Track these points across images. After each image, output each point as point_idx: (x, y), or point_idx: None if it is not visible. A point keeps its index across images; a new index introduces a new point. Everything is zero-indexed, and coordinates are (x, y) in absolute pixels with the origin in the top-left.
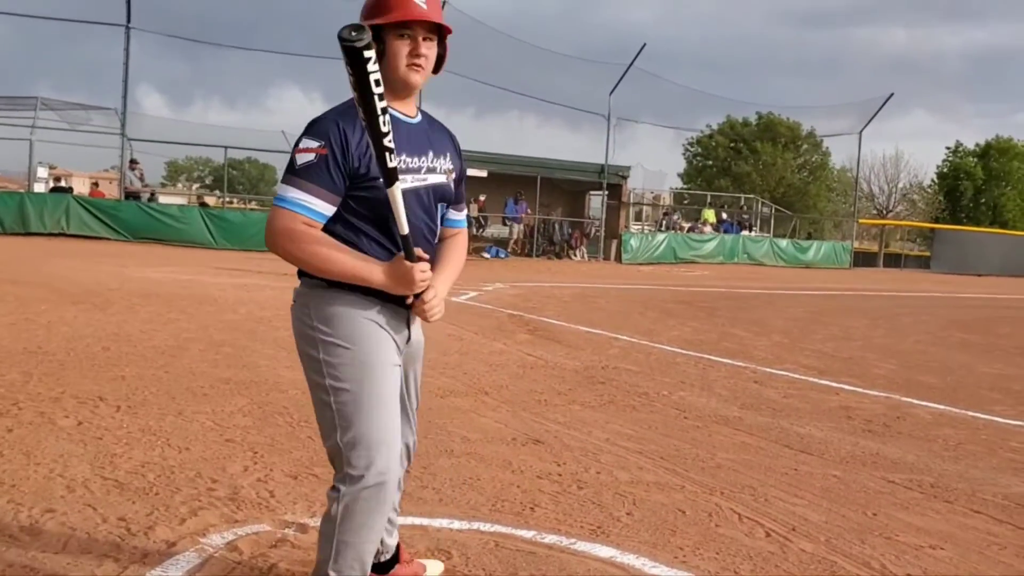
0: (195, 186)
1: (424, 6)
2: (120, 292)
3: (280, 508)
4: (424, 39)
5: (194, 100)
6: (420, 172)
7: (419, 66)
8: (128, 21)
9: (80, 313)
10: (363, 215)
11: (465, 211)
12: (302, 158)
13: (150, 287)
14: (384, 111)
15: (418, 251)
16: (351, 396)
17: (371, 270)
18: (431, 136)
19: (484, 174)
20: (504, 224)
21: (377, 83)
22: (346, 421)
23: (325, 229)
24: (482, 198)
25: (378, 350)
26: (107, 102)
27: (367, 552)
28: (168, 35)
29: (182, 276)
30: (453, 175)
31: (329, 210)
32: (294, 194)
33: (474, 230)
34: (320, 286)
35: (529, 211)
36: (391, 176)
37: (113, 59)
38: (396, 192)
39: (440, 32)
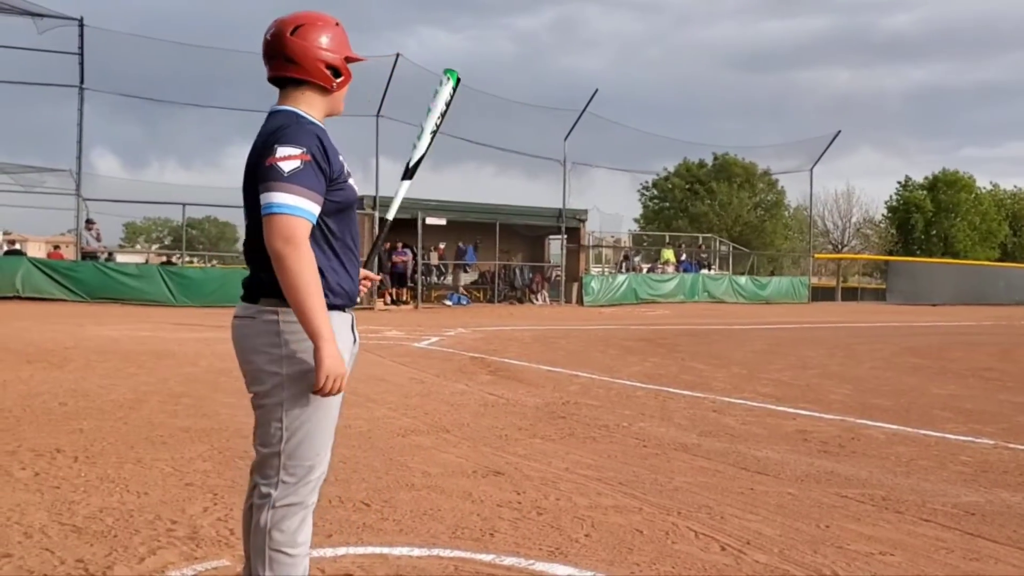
0: (154, 247)
1: None
2: (77, 350)
3: (240, 545)
4: None
5: (149, 161)
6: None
7: None
8: (82, 82)
9: (36, 371)
10: (326, 218)
11: None
12: (288, 165)
13: (108, 344)
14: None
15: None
16: (303, 412)
17: (324, 331)
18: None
19: (443, 222)
20: (465, 271)
21: None
22: (295, 436)
23: None
24: (442, 246)
25: None
26: (61, 164)
27: None
28: (122, 95)
29: (140, 332)
30: None
31: (318, 212)
32: (293, 200)
33: (435, 278)
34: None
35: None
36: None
37: (66, 121)
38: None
39: None
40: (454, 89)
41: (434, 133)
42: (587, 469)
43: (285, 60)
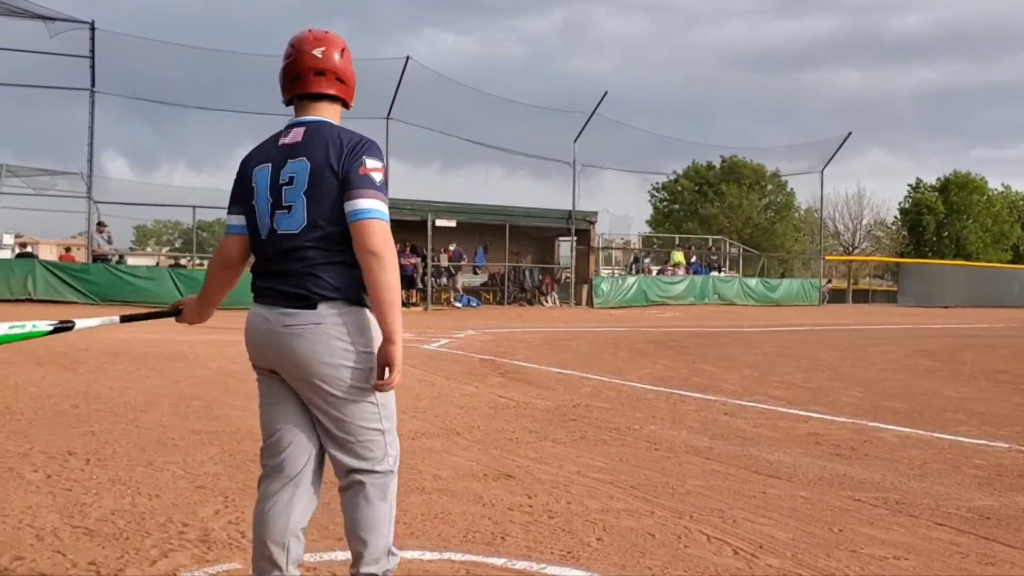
0: (164, 249)
1: None
2: (89, 352)
3: (251, 547)
4: None
5: (159, 164)
6: None
7: None
8: (92, 85)
9: (48, 373)
10: None
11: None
12: (377, 176)
13: (119, 346)
14: None
15: None
16: (388, 395)
17: (400, 330)
18: None
19: (453, 224)
20: (475, 273)
21: None
22: (388, 411)
23: (343, 243)
24: (452, 247)
25: None
26: (72, 167)
27: None
28: (132, 97)
29: (151, 335)
30: None
31: None
32: (384, 207)
33: (444, 280)
34: (360, 306)
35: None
36: None
37: (77, 124)
38: None
39: None
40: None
41: None
42: (598, 472)
43: (337, 79)
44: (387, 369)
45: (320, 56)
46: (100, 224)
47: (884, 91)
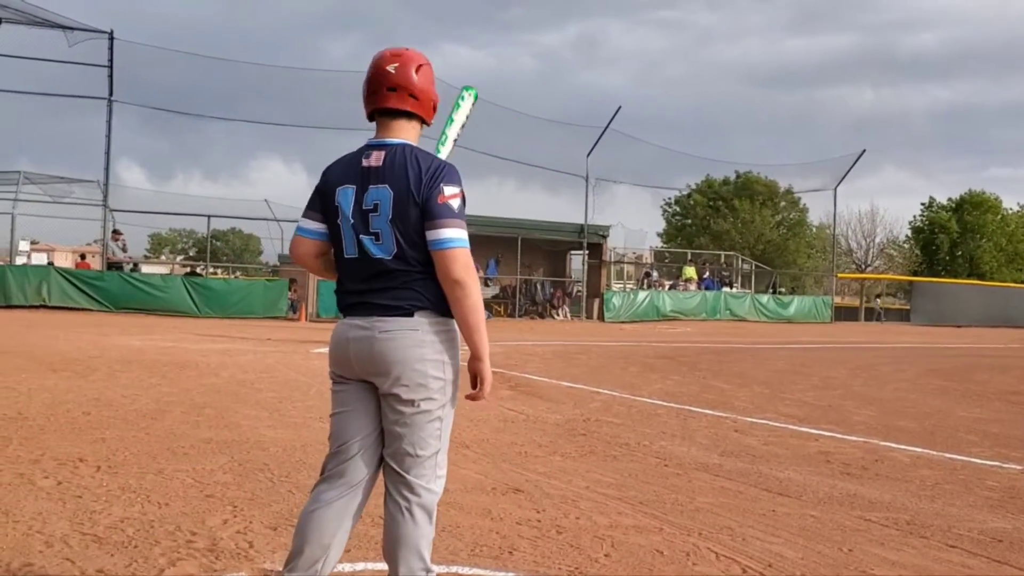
0: (179, 258)
1: None
2: (101, 359)
3: (259, 557)
4: None
5: (175, 173)
6: None
7: None
8: (110, 94)
9: (60, 380)
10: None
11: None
12: (455, 202)
13: (132, 354)
14: None
15: None
16: (451, 413)
17: (487, 348)
18: None
19: None
20: (487, 285)
21: None
22: (446, 434)
23: (422, 264)
24: None
25: None
26: (88, 175)
27: None
28: (150, 107)
29: (164, 343)
30: None
31: None
32: (463, 234)
33: None
34: (450, 318)
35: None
36: None
37: (94, 133)
38: None
39: None
40: (473, 104)
41: (455, 142)
42: (607, 488)
43: (410, 96)
44: (478, 382)
45: (394, 72)
46: (115, 232)
47: (899, 109)
